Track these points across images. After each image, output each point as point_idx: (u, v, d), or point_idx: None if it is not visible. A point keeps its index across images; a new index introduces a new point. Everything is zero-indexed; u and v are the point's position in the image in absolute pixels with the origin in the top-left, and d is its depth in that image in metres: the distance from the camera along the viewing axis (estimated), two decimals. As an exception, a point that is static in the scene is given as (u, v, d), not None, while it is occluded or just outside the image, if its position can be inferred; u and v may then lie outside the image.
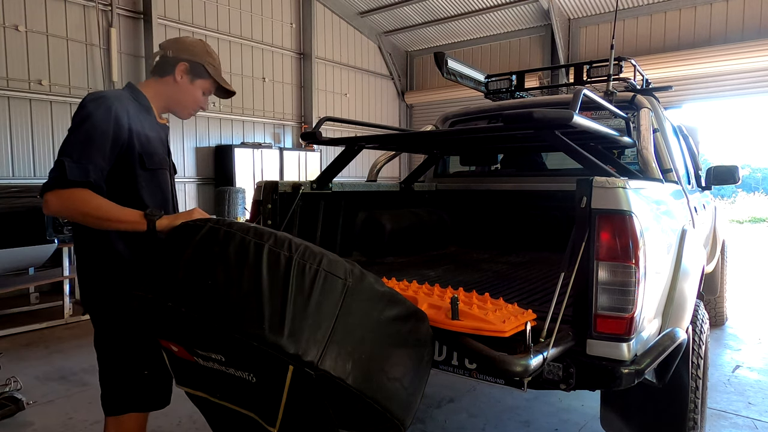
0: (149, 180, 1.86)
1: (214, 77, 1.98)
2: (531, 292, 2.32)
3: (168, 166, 2.00)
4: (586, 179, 1.66)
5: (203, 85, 1.97)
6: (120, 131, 1.74)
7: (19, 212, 4.98)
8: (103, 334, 1.85)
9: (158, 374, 1.85)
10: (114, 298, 1.78)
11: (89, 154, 1.67)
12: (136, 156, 1.80)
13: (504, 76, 3.90)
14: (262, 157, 9.52)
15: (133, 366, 1.83)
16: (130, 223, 1.68)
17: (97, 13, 7.56)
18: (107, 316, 1.82)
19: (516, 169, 4.00)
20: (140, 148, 1.81)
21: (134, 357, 1.83)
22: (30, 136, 6.95)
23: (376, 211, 3.24)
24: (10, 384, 3.35)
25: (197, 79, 1.95)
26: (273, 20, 10.23)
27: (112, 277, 1.79)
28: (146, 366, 1.83)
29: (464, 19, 11.39)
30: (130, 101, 1.86)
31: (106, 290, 1.80)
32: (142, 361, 1.83)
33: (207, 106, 2.07)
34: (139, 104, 1.89)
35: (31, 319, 5.41)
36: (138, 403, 1.86)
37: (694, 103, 9.51)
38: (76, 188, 1.64)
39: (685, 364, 2.08)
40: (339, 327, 1.30)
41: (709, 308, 4.89)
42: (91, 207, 1.66)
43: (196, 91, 1.97)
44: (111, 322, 1.82)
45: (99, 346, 1.86)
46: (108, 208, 1.67)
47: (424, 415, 3.20)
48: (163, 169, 1.94)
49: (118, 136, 1.73)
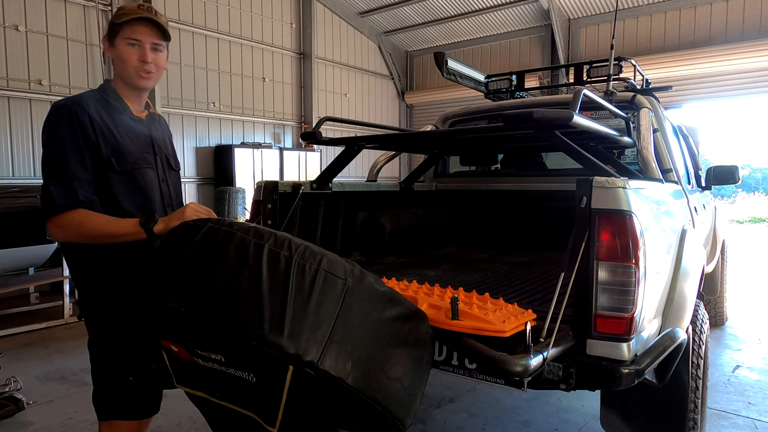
0: (125, 182, 1.78)
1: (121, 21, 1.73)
2: (531, 292, 2.31)
3: (152, 163, 1.88)
4: (586, 179, 1.66)
5: (122, 39, 1.76)
6: (87, 136, 1.69)
7: (19, 212, 4.98)
8: (92, 337, 1.84)
9: (145, 382, 1.82)
10: (101, 302, 1.79)
11: (70, 171, 1.65)
12: (105, 159, 1.73)
13: (504, 76, 3.90)
14: (262, 157, 9.52)
15: (119, 372, 1.80)
16: (129, 235, 1.67)
17: (97, 13, 7.56)
18: (95, 320, 1.82)
19: (516, 169, 4.00)
20: (108, 150, 1.74)
21: (120, 363, 1.80)
22: (30, 136, 6.95)
23: (376, 211, 3.24)
24: (10, 384, 3.35)
25: (114, 39, 1.77)
26: (273, 20, 10.23)
27: (98, 282, 1.79)
28: (132, 373, 1.80)
29: (464, 19, 11.39)
30: (96, 101, 1.78)
31: (93, 295, 1.80)
32: (128, 368, 1.80)
33: (147, 57, 1.77)
34: (108, 102, 1.80)
35: (31, 319, 5.41)
36: (122, 410, 1.83)
37: (694, 103, 9.52)
38: (68, 212, 1.63)
39: (685, 364, 2.08)
40: (339, 327, 1.30)
41: (709, 308, 4.88)
42: (89, 227, 1.65)
43: (122, 50, 1.76)
44: (99, 326, 1.82)
45: (89, 349, 1.86)
46: (105, 225, 1.66)
47: (424, 415, 3.20)
48: (143, 168, 1.83)
49: (87, 141, 1.69)
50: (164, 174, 1.94)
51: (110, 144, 1.75)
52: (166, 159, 1.97)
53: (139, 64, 1.78)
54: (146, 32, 1.77)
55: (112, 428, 1.84)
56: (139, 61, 1.77)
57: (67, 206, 1.63)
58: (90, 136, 1.70)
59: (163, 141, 2.00)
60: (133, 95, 1.87)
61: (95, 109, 1.75)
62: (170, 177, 1.99)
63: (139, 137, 1.85)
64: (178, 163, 2.06)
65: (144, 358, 1.80)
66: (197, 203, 1.70)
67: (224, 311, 1.28)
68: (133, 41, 1.76)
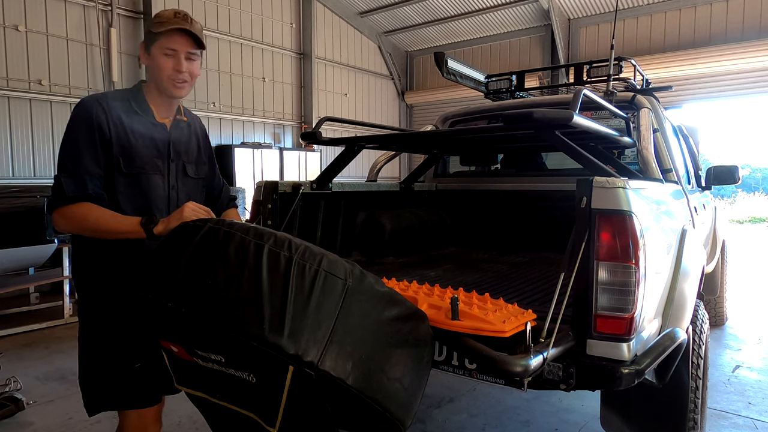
0: (128, 185, 1.79)
1: (159, 31, 1.74)
2: (531, 292, 2.31)
3: (162, 169, 1.87)
4: (586, 179, 1.66)
5: (159, 48, 1.77)
6: (102, 132, 1.73)
7: (19, 212, 4.98)
8: (81, 329, 1.86)
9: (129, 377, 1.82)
10: (95, 297, 1.82)
11: (83, 165, 1.69)
12: (115, 159, 1.76)
13: (504, 76, 3.90)
14: (262, 157, 9.52)
15: (104, 366, 1.81)
16: (131, 233, 1.68)
17: (97, 13, 7.56)
18: (87, 313, 1.85)
19: (516, 169, 4.00)
20: (118, 150, 1.76)
21: (106, 358, 1.81)
22: (30, 136, 6.95)
23: (376, 211, 3.24)
24: (10, 384, 3.35)
25: (151, 47, 1.79)
26: (273, 20, 10.23)
27: (95, 277, 1.82)
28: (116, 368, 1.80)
29: (464, 19, 11.39)
30: (121, 101, 1.80)
31: (89, 289, 1.84)
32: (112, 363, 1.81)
33: (181, 67, 1.79)
34: (131, 104, 1.82)
35: (31, 319, 5.41)
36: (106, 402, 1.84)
37: (694, 103, 9.52)
38: (75, 203, 1.67)
39: (685, 364, 2.08)
40: (339, 327, 1.30)
41: (709, 308, 4.88)
42: (92, 220, 1.68)
43: (158, 59, 1.78)
44: (89, 320, 1.84)
45: (79, 341, 1.87)
46: (108, 220, 1.68)
47: (424, 415, 3.20)
48: (149, 173, 1.83)
49: (102, 138, 1.73)
50: (176, 181, 1.92)
51: (122, 145, 1.77)
52: (183, 167, 1.95)
53: (173, 73, 1.79)
54: (182, 42, 1.78)
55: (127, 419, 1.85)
56: (174, 70, 1.78)
57: (75, 198, 1.67)
58: (105, 133, 1.74)
59: (187, 148, 1.97)
60: (162, 102, 1.88)
61: (115, 108, 1.78)
62: (186, 185, 1.96)
63: (154, 143, 1.85)
64: (200, 171, 2.03)
65: (130, 356, 1.81)
66: (195, 203, 1.70)
67: (224, 312, 1.28)
68: (169, 51, 1.77)
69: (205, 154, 2.08)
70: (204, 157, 2.07)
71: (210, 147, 2.16)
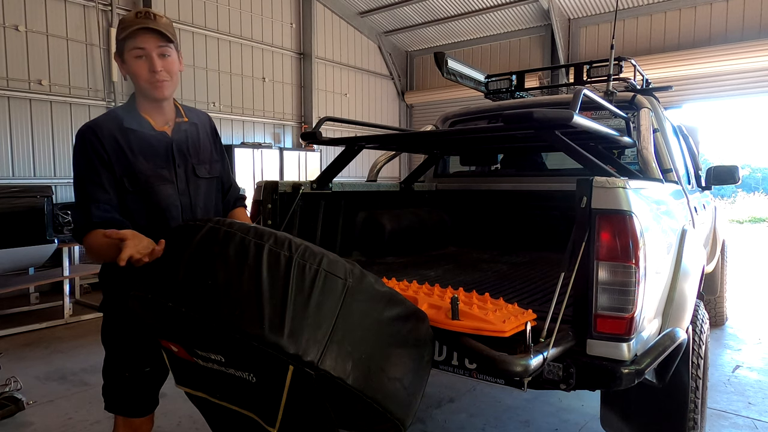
0: (138, 201, 1.77)
1: (124, 36, 1.70)
2: (531, 292, 2.32)
3: (169, 178, 1.82)
4: (586, 179, 1.66)
5: (129, 53, 1.72)
6: (100, 156, 1.72)
7: (19, 212, 4.98)
8: (103, 332, 1.89)
9: (140, 382, 1.85)
10: (116, 301, 1.82)
11: (87, 193, 1.71)
12: (119, 179, 1.74)
13: (504, 76, 3.90)
14: (262, 157, 9.51)
15: (119, 368, 1.84)
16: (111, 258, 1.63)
17: (97, 13, 7.56)
18: (107, 314, 1.87)
19: (516, 169, 4.00)
20: (120, 170, 1.74)
21: (122, 360, 1.84)
22: (30, 136, 6.95)
23: (376, 211, 3.24)
24: (10, 384, 3.35)
25: (124, 55, 1.74)
26: (273, 20, 10.23)
27: (118, 281, 1.82)
28: (129, 370, 1.83)
29: (464, 19, 11.39)
30: (113, 121, 1.77)
31: (112, 292, 1.85)
32: (126, 365, 1.83)
33: (156, 67, 1.72)
34: (127, 120, 1.78)
35: (31, 319, 5.41)
36: (120, 406, 1.86)
37: (694, 103, 9.51)
38: (87, 234, 1.69)
39: (685, 364, 2.08)
40: (339, 327, 1.30)
41: (709, 308, 4.88)
42: (94, 250, 1.69)
43: (132, 65, 1.73)
44: (110, 322, 1.87)
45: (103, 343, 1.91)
46: (98, 248, 1.66)
47: (424, 415, 3.20)
48: (157, 185, 1.79)
49: (102, 160, 1.72)
50: (186, 186, 1.88)
51: (122, 164, 1.75)
52: (192, 168, 1.90)
53: (149, 75, 1.73)
54: (149, 39, 1.71)
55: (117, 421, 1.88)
56: (150, 72, 1.72)
57: (83, 229, 1.69)
58: (103, 157, 1.72)
59: (195, 149, 1.92)
60: (153, 108, 1.82)
61: (108, 131, 1.74)
62: (197, 188, 1.91)
63: (155, 154, 1.80)
64: (213, 170, 1.98)
65: (142, 358, 1.83)
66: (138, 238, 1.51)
67: (224, 311, 1.28)
68: (139, 52, 1.71)
69: (216, 151, 2.03)
70: (216, 155, 2.02)
71: (220, 142, 2.11)
